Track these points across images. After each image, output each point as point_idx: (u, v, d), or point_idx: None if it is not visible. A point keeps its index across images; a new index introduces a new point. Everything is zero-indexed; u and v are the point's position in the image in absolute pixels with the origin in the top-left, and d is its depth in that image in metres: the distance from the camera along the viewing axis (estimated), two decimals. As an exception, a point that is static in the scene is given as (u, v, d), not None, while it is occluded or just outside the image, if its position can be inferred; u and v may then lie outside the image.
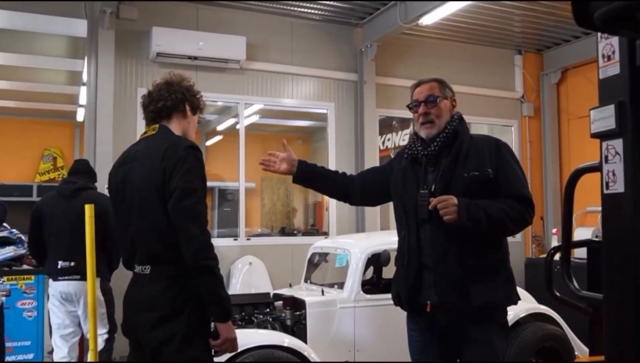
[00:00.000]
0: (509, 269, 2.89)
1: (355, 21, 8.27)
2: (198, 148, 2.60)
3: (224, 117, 11.22)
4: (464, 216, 2.63)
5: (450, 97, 2.97)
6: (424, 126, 2.90)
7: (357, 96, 8.36)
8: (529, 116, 9.55)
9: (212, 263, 2.43)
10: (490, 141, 2.92)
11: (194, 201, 2.43)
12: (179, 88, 2.70)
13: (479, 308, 2.72)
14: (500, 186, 2.77)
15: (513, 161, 2.87)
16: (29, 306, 5.80)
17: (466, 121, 3.01)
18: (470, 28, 8.52)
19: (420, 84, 2.98)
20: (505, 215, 2.70)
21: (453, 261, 2.72)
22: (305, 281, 5.33)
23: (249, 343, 4.04)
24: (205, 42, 7.23)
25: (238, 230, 7.78)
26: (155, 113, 2.69)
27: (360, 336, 4.55)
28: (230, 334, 2.49)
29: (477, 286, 2.72)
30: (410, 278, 2.85)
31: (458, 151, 2.82)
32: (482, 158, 2.79)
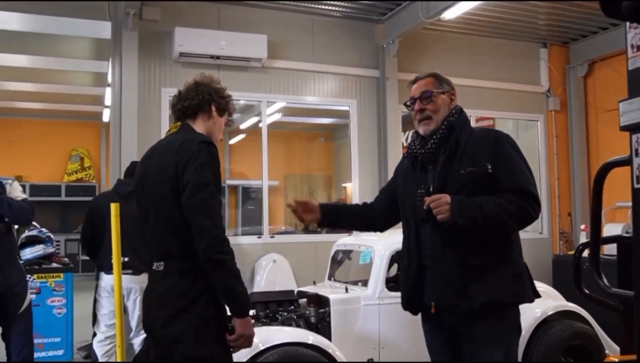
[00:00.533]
0: (519, 265, 2.75)
1: (376, 17, 8.22)
2: (212, 143, 2.59)
3: (246, 116, 11.26)
4: (456, 215, 2.55)
5: (448, 92, 2.89)
6: (421, 123, 2.86)
7: (380, 93, 8.32)
8: (555, 110, 9.40)
9: (225, 257, 2.40)
10: (489, 134, 2.82)
11: (206, 195, 2.42)
12: (206, 88, 2.71)
13: (482, 307, 2.62)
14: (499, 180, 2.66)
15: (514, 153, 2.73)
16: (59, 303, 5.90)
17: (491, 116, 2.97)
18: (494, 22, 8.41)
19: (415, 81, 2.96)
20: (503, 210, 2.59)
21: (451, 261, 2.66)
22: (329, 278, 5.33)
23: (274, 340, 4.04)
24: (227, 41, 7.26)
25: (262, 228, 7.80)
26: (182, 112, 2.71)
27: (384, 333, 4.53)
28: (245, 330, 2.45)
29: (477, 285, 2.62)
30: (410, 280, 2.82)
31: (455, 147, 2.73)
32: (480, 153, 2.69)
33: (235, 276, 2.43)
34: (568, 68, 9.50)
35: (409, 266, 2.84)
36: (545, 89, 9.41)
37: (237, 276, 2.45)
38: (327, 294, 4.60)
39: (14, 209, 4.29)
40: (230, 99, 2.81)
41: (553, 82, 9.44)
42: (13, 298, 4.40)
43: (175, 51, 7.03)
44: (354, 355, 4.41)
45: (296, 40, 7.95)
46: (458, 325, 2.73)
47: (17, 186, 4.55)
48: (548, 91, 9.42)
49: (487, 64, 8.85)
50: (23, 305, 4.48)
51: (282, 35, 7.82)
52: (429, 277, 2.75)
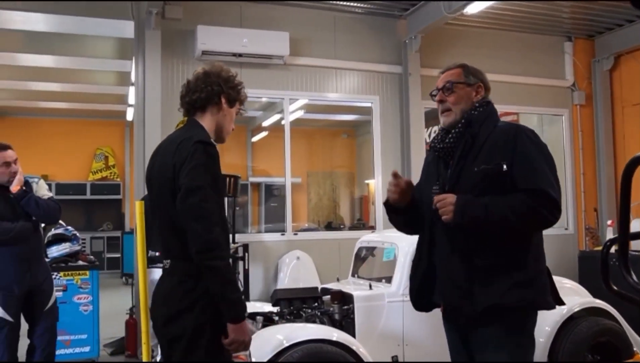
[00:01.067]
0: (533, 269, 2.56)
1: (398, 13, 8.18)
2: (210, 142, 2.47)
3: (269, 113, 11.30)
4: (459, 216, 2.46)
5: (475, 84, 2.74)
6: (442, 115, 2.76)
7: (402, 89, 8.28)
8: (580, 105, 9.27)
9: (217, 263, 2.31)
10: (510, 129, 2.62)
11: (199, 199, 2.33)
12: (216, 79, 2.60)
13: (485, 311, 2.49)
14: (516, 179, 2.49)
15: (535, 149, 2.54)
16: (85, 300, 5.98)
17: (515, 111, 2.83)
18: (517, 15, 8.31)
19: (445, 71, 2.83)
20: (512, 212, 2.43)
21: (457, 261, 2.55)
22: (352, 275, 5.32)
23: (298, 337, 4.05)
24: (249, 39, 7.28)
25: (285, 225, 7.82)
26: (190, 105, 2.63)
27: (409, 330, 4.52)
28: (238, 336, 2.37)
29: (482, 287, 2.49)
30: (417, 278, 2.77)
31: (471, 142, 2.60)
32: (497, 149, 2.54)
33: (228, 282, 2.34)
34: (593, 62, 9.35)
35: (418, 263, 2.78)
36: (570, 83, 9.28)
37: (231, 282, 2.35)
38: (351, 291, 4.59)
39: (42, 208, 4.36)
40: (241, 88, 2.70)
41: (578, 76, 9.31)
42: (39, 295, 4.49)
43: (198, 49, 7.07)
44: (378, 352, 4.40)
45: (318, 37, 7.95)
46: (466, 326, 2.65)
47: (43, 184, 4.63)
48: (573, 85, 9.29)
49: (511, 58, 8.75)
50: (49, 302, 4.57)
51: (304, 32, 7.82)
52: (438, 275, 2.69)
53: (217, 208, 2.39)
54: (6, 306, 4.28)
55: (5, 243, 4.25)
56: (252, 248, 6.92)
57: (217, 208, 2.39)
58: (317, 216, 13.34)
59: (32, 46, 8.96)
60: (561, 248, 8.49)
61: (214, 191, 2.39)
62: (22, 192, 4.32)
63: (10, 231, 4.23)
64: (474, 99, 2.73)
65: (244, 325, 2.39)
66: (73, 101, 12.94)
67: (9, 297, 4.30)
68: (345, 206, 14.21)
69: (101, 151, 15.04)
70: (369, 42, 8.19)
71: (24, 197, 4.31)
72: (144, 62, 6.91)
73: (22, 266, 4.34)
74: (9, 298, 4.30)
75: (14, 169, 4.34)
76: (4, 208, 4.29)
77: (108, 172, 15.04)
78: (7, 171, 4.31)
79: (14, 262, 4.31)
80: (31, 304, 4.47)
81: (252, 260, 6.94)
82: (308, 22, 7.90)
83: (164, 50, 6.97)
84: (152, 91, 6.90)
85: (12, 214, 4.31)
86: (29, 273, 4.38)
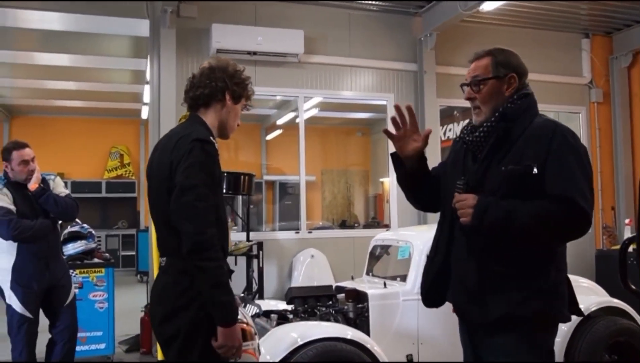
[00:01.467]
0: (554, 279, 2.37)
1: (413, 10, 8.14)
2: (208, 140, 2.40)
3: (283, 111, 11.30)
4: (477, 220, 2.29)
5: (506, 77, 2.48)
6: (474, 112, 2.54)
7: (417, 86, 8.24)
8: (597, 102, 9.17)
9: (207, 264, 2.25)
10: (548, 127, 2.38)
11: (192, 198, 2.28)
12: (221, 75, 2.53)
13: (498, 321, 2.34)
14: (545, 184, 2.28)
15: (571, 153, 2.32)
16: (100, 298, 6.01)
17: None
18: (534, 12, 8.24)
19: (473, 59, 2.56)
20: (534, 222, 2.25)
21: (472, 263, 2.38)
22: (367, 273, 5.30)
23: (312, 335, 4.04)
24: (263, 37, 7.28)
25: (299, 223, 7.82)
26: (193, 100, 2.57)
27: (424, 329, 4.49)
28: (227, 341, 2.30)
29: (497, 295, 2.33)
30: (430, 273, 2.61)
31: (503, 138, 2.39)
32: (529, 149, 2.32)
33: (218, 284, 2.27)
34: (611, 59, 9.24)
35: (434, 258, 2.60)
36: (587, 81, 9.18)
37: (221, 284, 2.28)
38: (366, 289, 4.58)
39: (60, 205, 4.39)
40: (248, 83, 2.61)
41: (595, 74, 9.20)
42: (59, 291, 4.53)
43: (213, 47, 7.08)
44: (393, 351, 4.38)
45: (333, 35, 7.93)
46: (474, 331, 2.52)
47: (59, 181, 4.65)
48: (590, 82, 9.19)
49: (527, 55, 8.48)
50: (68, 298, 4.61)
51: (318, 30, 7.81)
52: (452, 275, 2.53)
53: (212, 208, 2.33)
54: (25, 303, 4.32)
55: (25, 240, 4.27)
56: (266, 246, 6.93)
57: (212, 208, 2.33)
58: (331, 214, 13.33)
59: (48, 45, 9.04)
60: (578, 247, 8.36)
61: (210, 190, 2.33)
62: (40, 190, 4.35)
63: (30, 229, 4.25)
64: (505, 93, 2.48)
65: (234, 330, 2.32)
66: (89, 100, 13.04)
67: (28, 294, 4.34)
68: (360, 204, 14.19)
69: (116, 150, 15.14)
70: (383, 40, 8.16)
71: (42, 195, 4.34)
72: (159, 61, 6.93)
73: (40, 263, 4.37)
74: (28, 295, 4.34)
75: (32, 167, 4.36)
76: (22, 205, 4.32)
77: (123, 170, 15.14)
78: (25, 169, 4.33)
79: (33, 260, 4.34)
80: (50, 300, 4.51)
81: (267, 258, 6.94)
82: (323, 20, 7.89)
83: (178, 48, 6.99)
84: (167, 89, 6.92)
85: (31, 212, 4.34)
86: (47, 271, 4.42)
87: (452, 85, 8.29)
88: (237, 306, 2.36)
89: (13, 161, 4.33)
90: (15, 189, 4.34)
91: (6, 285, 4.32)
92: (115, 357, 6.17)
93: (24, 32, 8.18)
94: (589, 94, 9.20)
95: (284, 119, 11.41)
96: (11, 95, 12.82)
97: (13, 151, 4.35)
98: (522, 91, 2.51)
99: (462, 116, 9.22)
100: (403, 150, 2.63)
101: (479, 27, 8.44)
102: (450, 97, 8.32)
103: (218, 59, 2.62)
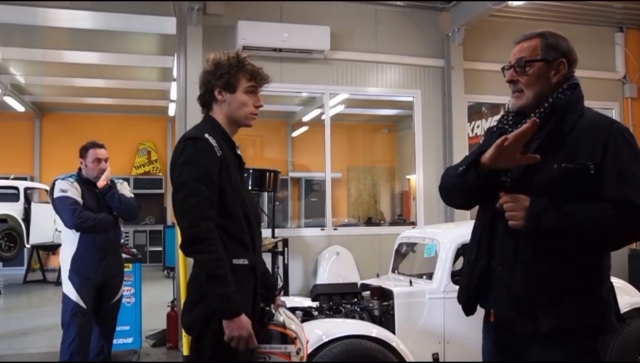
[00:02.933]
0: (605, 288, 2.23)
1: (441, 5, 8.04)
2: (200, 137, 2.46)
3: (309, 108, 11.28)
4: (532, 224, 2.10)
5: (556, 60, 2.28)
6: (513, 95, 2.34)
7: (445, 82, 8.14)
8: (631, 98, 8.97)
9: (201, 257, 2.33)
10: (603, 123, 2.20)
11: (183, 195, 2.39)
12: (205, 77, 2.60)
13: (549, 334, 2.16)
14: (603, 185, 2.10)
15: (631, 154, 2.13)
16: (128, 293, 6.05)
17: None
18: (564, 6, 8.07)
19: (520, 40, 2.37)
20: (593, 228, 2.08)
21: (520, 270, 2.20)
22: (392, 271, 5.25)
23: (337, 332, 4.02)
24: (289, 33, 7.26)
25: (325, 220, 7.79)
26: (200, 103, 2.68)
27: (450, 328, 4.43)
28: (233, 332, 2.32)
29: (549, 305, 2.15)
30: (473, 280, 2.39)
31: (554, 133, 2.20)
32: (584, 146, 2.14)
33: (213, 277, 2.31)
34: (645, 53, 9.04)
35: (475, 262, 2.39)
36: (621, 76, 8.98)
37: (217, 277, 2.31)
38: (391, 287, 4.53)
39: (123, 203, 4.66)
40: (237, 69, 2.57)
41: (630, 68, 8.99)
42: (109, 287, 4.69)
43: (239, 44, 7.08)
44: (419, 349, 4.33)
45: (359, 31, 7.87)
46: (516, 343, 2.30)
47: (126, 185, 4.95)
48: (624, 77, 8.99)
49: (558, 50, 8.50)
50: (116, 296, 4.76)
51: (344, 26, 7.76)
52: (494, 281, 2.31)
53: (207, 201, 2.38)
54: (80, 291, 4.45)
55: (86, 230, 4.47)
56: (291, 243, 6.92)
57: (207, 201, 2.38)
58: (357, 211, 13.29)
59: (77, 43, 9.17)
60: (610, 246, 8.23)
61: (205, 185, 2.39)
62: (107, 187, 4.63)
63: (92, 220, 4.47)
64: (552, 79, 2.28)
65: (238, 321, 2.33)
66: (117, 97, 13.20)
67: (84, 283, 4.48)
68: (386, 201, 14.12)
69: (144, 146, 15.31)
70: (410, 36, 8.08)
71: (108, 192, 4.61)
72: (186, 58, 6.96)
73: (99, 255, 4.55)
74: (84, 284, 4.48)
75: (104, 166, 4.66)
76: (89, 200, 4.56)
77: (151, 167, 15.30)
78: (97, 167, 4.62)
79: (92, 250, 4.52)
80: (100, 294, 4.61)
81: (292, 254, 6.93)
82: (349, 16, 7.84)
83: (205, 46, 7.01)
84: (193, 86, 6.89)
85: (96, 207, 4.58)
86: (104, 262, 4.57)
87: (480, 81, 8.18)
88: (239, 299, 2.35)
89: (88, 158, 4.62)
90: (86, 185, 4.61)
91: (65, 275, 4.51)
92: (142, 351, 6.22)
93: (53, 30, 8.31)
94: (622, 90, 9.00)
95: (310, 115, 11.40)
96: (41, 93, 13.04)
97: (90, 149, 4.65)
98: (571, 81, 2.31)
99: (491, 113, 9.09)
100: (499, 162, 2.20)
101: (508, 21, 8.29)
102: (478, 93, 8.21)
103: (207, 60, 2.65)
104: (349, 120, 12.42)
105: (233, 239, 2.47)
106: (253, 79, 2.60)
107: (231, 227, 2.46)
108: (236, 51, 2.66)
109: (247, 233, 2.54)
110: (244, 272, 2.48)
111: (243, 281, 2.46)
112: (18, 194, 11.38)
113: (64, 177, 4.59)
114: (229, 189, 2.48)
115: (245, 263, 2.49)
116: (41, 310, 8.99)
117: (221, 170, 2.47)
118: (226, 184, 2.47)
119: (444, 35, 8.14)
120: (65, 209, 4.43)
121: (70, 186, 4.51)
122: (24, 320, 8.21)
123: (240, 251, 2.49)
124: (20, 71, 11.19)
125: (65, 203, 4.43)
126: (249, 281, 2.52)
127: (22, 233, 11.11)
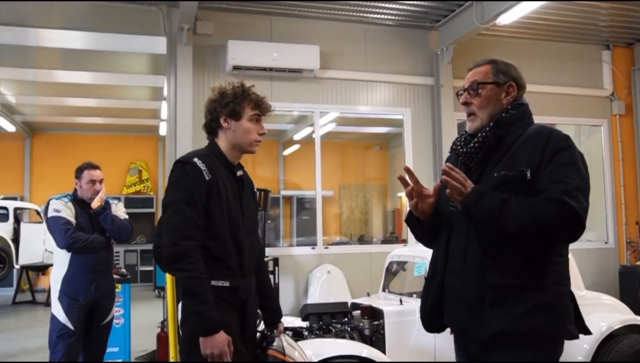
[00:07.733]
0: (553, 294, 2.23)
1: (430, 24, 8.11)
2: (188, 161, 2.55)
3: (300, 126, 11.31)
4: (471, 200, 2.17)
5: (505, 84, 2.39)
6: (468, 119, 2.44)
7: (434, 101, 8.20)
8: (619, 115, 9.04)
9: (179, 275, 2.44)
10: (541, 133, 2.28)
11: (168, 215, 2.50)
12: (211, 105, 2.68)
13: (494, 337, 2.18)
14: (536, 187, 2.17)
15: (565, 156, 2.21)
16: (117, 314, 5.98)
17: (552, 122, 2.45)
18: (552, 25, 8.17)
19: (473, 67, 2.49)
20: (530, 217, 2.11)
21: (469, 277, 2.25)
22: (383, 290, 5.24)
23: (327, 352, 3.98)
24: (279, 53, 7.30)
25: (316, 239, 7.77)
26: (205, 129, 2.76)
27: (441, 346, 4.40)
28: (206, 349, 2.37)
29: (494, 309, 2.19)
30: (430, 295, 2.43)
31: (495, 146, 2.31)
32: (523, 154, 2.24)
33: (190, 294, 2.40)
34: (633, 70, 9.12)
35: (432, 279, 2.44)
36: (608, 93, 9.06)
37: (193, 295, 2.39)
38: (381, 306, 4.52)
39: (116, 225, 4.60)
40: (242, 98, 2.64)
41: (617, 86, 9.08)
42: (100, 309, 4.63)
43: (229, 64, 7.11)
44: (409, 369, 4.30)
45: (349, 50, 7.93)
46: (480, 353, 2.30)
47: (121, 206, 4.90)
48: (612, 94, 9.07)
49: (546, 68, 8.59)
50: (107, 318, 4.70)
51: (334, 46, 7.81)
52: (448, 293, 2.36)
53: (189, 221, 2.45)
54: (69, 313, 4.40)
55: (77, 251, 4.44)
56: (282, 262, 6.89)
57: (189, 221, 2.45)
58: (349, 229, 13.26)
59: (68, 63, 9.18)
60: (601, 263, 8.22)
61: (188, 206, 2.46)
62: (101, 208, 4.59)
63: (84, 241, 4.43)
64: (503, 101, 2.39)
65: (212, 339, 2.36)
66: (108, 116, 13.19)
67: (73, 304, 4.42)
68: (378, 219, 14.10)
69: (135, 165, 15.26)
70: (400, 54, 8.14)
71: (102, 213, 4.57)
72: (176, 77, 6.99)
73: (89, 276, 4.49)
74: (72, 306, 4.42)
75: (98, 188, 4.64)
76: (83, 220, 4.53)
77: (142, 186, 15.24)
78: (92, 188, 4.59)
79: (83, 271, 4.47)
80: (90, 315, 4.56)
81: (283, 274, 6.90)
82: (339, 35, 7.89)
83: (195, 65, 7.04)
84: (184, 105, 6.96)
85: (89, 228, 4.55)
86: (94, 284, 4.51)
87: (469, 99, 8.23)
88: (214, 316, 2.38)
89: (83, 179, 4.60)
90: (80, 206, 4.58)
91: (55, 295, 4.46)
92: (131, 373, 6.15)
93: (45, 50, 8.31)
94: (610, 107, 9.08)
95: (301, 134, 11.42)
96: (32, 112, 13.01)
97: (85, 170, 4.63)
98: (517, 102, 2.42)
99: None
100: (421, 210, 2.44)
101: (497, 40, 8.39)
102: (467, 111, 8.26)
103: (212, 90, 2.72)
104: (341, 138, 12.45)
105: (216, 261, 2.50)
106: (257, 107, 2.68)
107: (215, 249, 2.50)
108: (240, 81, 2.73)
109: (235, 256, 2.55)
110: (224, 294, 2.50)
111: (222, 303, 2.47)
112: (7, 214, 11.30)
113: (59, 197, 4.58)
114: (217, 212, 2.53)
115: (225, 285, 2.50)
116: (30, 332, 8.87)
117: (210, 193, 2.51)
118: (214, 207, 2.52)
119: (433, 54, 8.21)
120: (58, 229, 4.41)
121: (64, 206, 4.50)
122: (13, 342, 8.10)
123: (223, 273, 2.50)
124: (11, 91, 11.17)
125: (57, 222, 4.42)
126: (229, 303, 2.52)
127: (11, 254, 11.02)
